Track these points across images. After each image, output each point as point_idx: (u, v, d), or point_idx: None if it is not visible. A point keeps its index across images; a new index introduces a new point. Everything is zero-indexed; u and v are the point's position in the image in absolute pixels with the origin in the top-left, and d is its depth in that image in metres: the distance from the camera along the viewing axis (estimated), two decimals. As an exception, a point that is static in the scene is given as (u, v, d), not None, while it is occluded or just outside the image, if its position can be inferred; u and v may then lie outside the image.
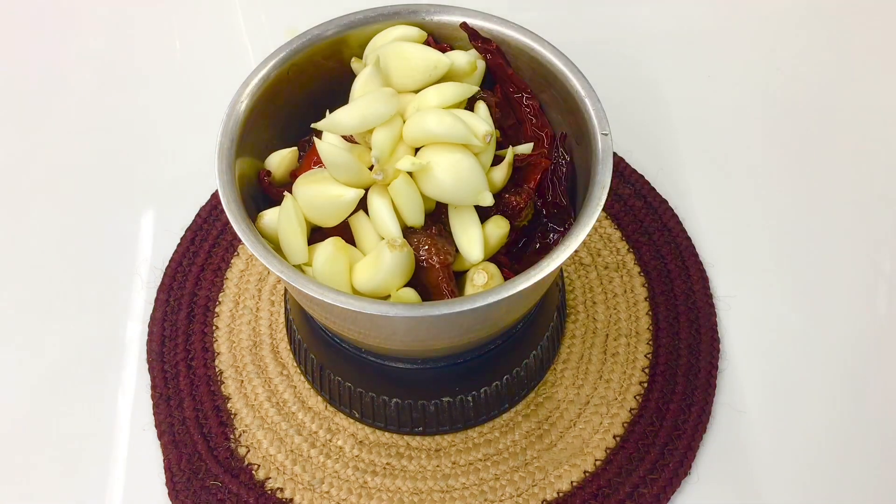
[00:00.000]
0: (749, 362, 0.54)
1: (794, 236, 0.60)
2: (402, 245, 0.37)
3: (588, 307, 0.56)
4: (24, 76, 0.71)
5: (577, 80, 0.42)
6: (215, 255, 0.59)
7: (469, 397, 0.48)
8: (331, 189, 0.39)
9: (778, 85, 0.70)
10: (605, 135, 0.40)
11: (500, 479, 0.49)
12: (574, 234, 0.37)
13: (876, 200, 0.62)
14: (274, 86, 0.43)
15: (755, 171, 0.64)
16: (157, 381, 0.53)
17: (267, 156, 0.44)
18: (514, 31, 0.44)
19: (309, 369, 0.51)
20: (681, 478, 0.49)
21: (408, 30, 0.44)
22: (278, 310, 0.56)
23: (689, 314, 0.56)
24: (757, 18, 0.75)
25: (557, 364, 0.54)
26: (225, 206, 0.38)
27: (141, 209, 0.62)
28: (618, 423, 0.51)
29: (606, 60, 0.71)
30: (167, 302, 0.56)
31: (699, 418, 0.51)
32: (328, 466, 0.50)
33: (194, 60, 0.72)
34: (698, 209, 0.61)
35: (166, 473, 0.50)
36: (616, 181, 0.62)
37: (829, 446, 0.51)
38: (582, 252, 0.59)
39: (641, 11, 0.75)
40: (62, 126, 0.67)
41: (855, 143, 0.66)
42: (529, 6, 0.74)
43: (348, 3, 0.48)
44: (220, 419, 0.52)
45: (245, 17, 0.75)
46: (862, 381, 0.54)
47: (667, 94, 0.69)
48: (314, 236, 0.41)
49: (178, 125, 0.67)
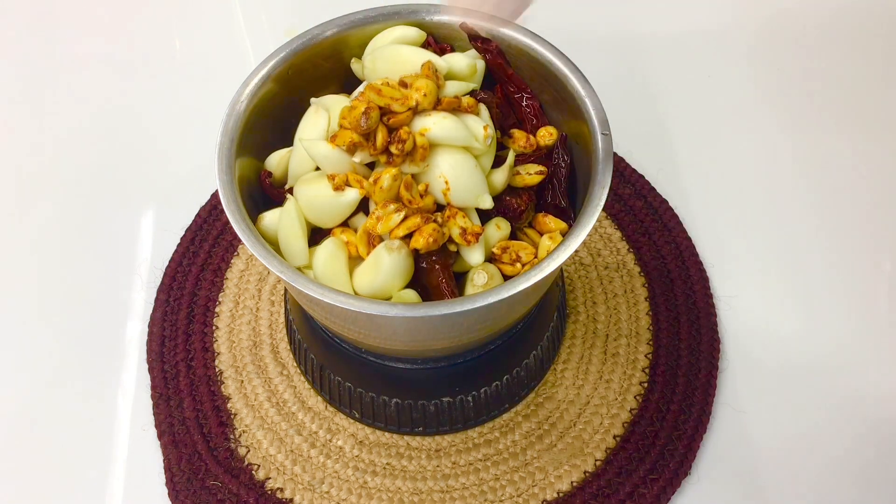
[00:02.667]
0: (749, 362, 0.54)
1: (794, 236, 0.60)
2: (401, 247, 0.37)
3: (588, 307, 0.56)
4: (24, 76, 0.71)
5: (577, 80, 0.42)
6: (215, 255, 0.59)
7: (469, 397, 0.48)
8: (331, 190, 0.39)
9: (778, 85, 0.70)
10: (606, 135, 0.40)
11: (500, 479, 0.49)
12: (574, 234, 0.37)
13: (876, 200, 0.62)
14: (274, 86, 0.43)
15: (755, 171, 0.64)
16: (157, 381, 0.53)
17: (267, 156, 0.44)
18: (514, 31, 0.44)
19: (309, 369, 0.51)
20: (681, 478, 0.49)
21: (407, 30, 0.44)
22: (278, 310, 0.56)
23: (690, 314, 0.56)
24: (757, 18, 0.75)
25: (557, 364, 0.54)
26: (225, 206, 0.38)
27: (141, 209, 0.62)
28: (618, 423, 0.51)
29: (606, 60, 0.71)
30: (167, 302, 0.56)
31: (699, 418, 0.51)
32: (328, 466, 0.50)
33: (194, 61, 0.72)
34: (698, 209, 0.61)
35: (166, 473, 0.50)
36: (616, 181, 0.62)
37: (829, 446, 0.51)
38: (582, 252, 0.59)
39: (641, 11, 0.75)
40: (62, 126, 0.67)
41: (855, 142, 0.66)
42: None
43: (348, 3, 0.48)
44: (220, 419, 0.52)
45: (245, 17, 0.75)
46: (862, 381, 0.54)
47: (667, 94, 0.69)
48: (314, 237, 0.41)
49: (178, 125, 0.67)
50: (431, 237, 0.37)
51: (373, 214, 0.38)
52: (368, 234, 0.38)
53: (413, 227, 0.37)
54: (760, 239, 0.60)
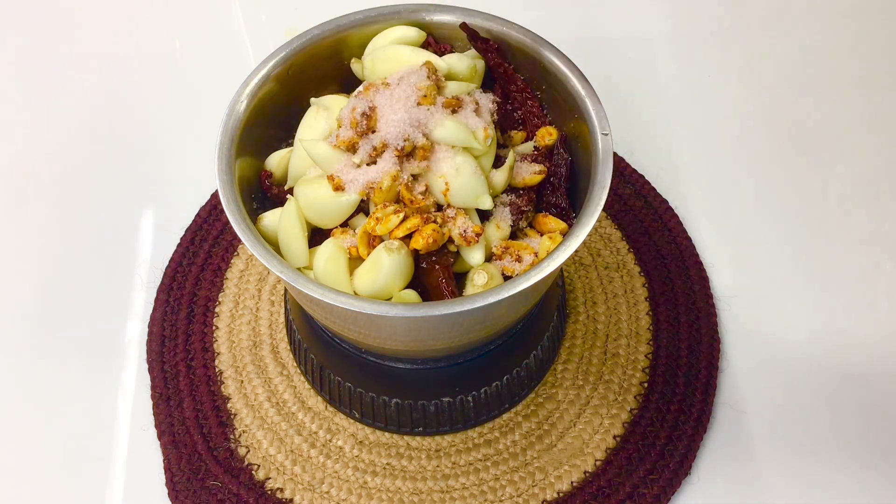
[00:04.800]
0: (749, 362, 0.54)
1: (794, 236, 0.60)
2: (400, 247, 0.37)
3: (588, 307, 0.56)
4: (24, 76, 0.71)
5: (577, 80, 0.42)
6: (215, 255, 0.59)
7: (469, 397, 0.48)
8: (331, 191, 0.39)
9: (778, 85, 0.70)
10: (606, 135, 0.40)
11: (500, 479, 0.49)
12: (574, 234, 0.37)
13: (876, 200, 0.62)
14: (274, 86, 0.43)
15: (755, 171, 0.64)
16: (157, 381, 0.53)
17: (267, 156, 0.44)
18: (514, 31, 0.44)
19: (309, 369, 0.51)
20: (681, 478, 0.49)
21: (407, 30, 0.44)
22: (278, 310, 0.56)
23: (690, 314, 0.56)
24: (757, 18, 0.75)
25: (557, 364, 0.54)
26: (225, 206, 0.38)
27: (141, 209, 0.62)
28: (618, 423, 0.51)
29: (606, 60, 0.71)
30: (167, 302, 0.56)
31: (699, 418, 0.51)
32: (328, 467, 0.50)
33: (194, 60, 0.72)
34: (698, 209, 0.61)
35: (166, 473, 0.50)
36: (616, 181, 0.62)
37: (829, 446, 0.51)
38: (582, 252, 0.59)
39: (642, 11, 0.75)
40: (62, 126, 0.67)
41: (855, 142, 0.66)
42: (529, 6, 0.74)
43: (348, 3, 0.48)
44: (220, 419, 0.52)
45: (245, 17, 0.75)
46: (862, 380, 0.54)
47: (667, 94, 0.69)
48: (314, 238, 0.41)
49: (177, 125, 0.67)
50: (431, 238, 0.37)
51: (373, 215, 0.38)
52: (368, 235, 0.38)
53: (413, 227, 0.38)
54: (760, 239, 0.60)
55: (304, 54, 0.44)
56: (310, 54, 0.44)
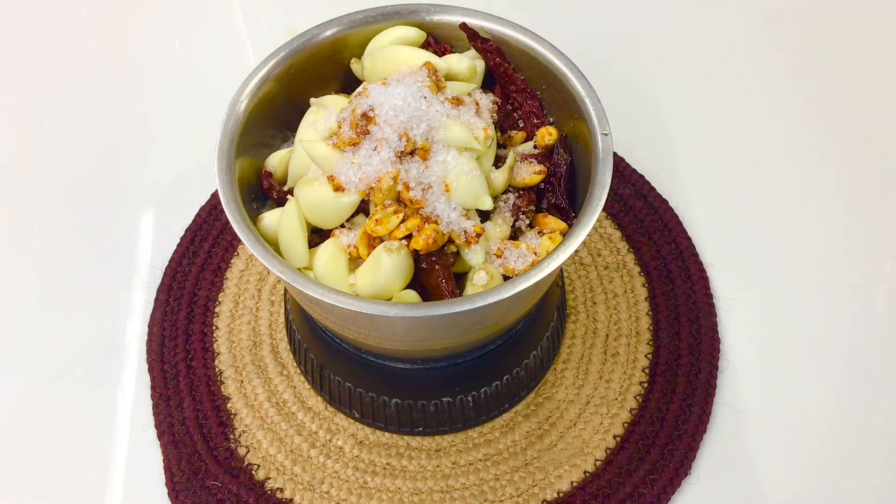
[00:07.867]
0: (749, 362, 0.54)
1: (794, 236, 0.60)
2: (400, 248, 0.37)
3: (588, 307, 0.56)
4: (24, 76, 0.71)
5: (577, 80, 0.42)
6: (215, 255, 0.59)
7: (469, 397, 0.48)
8: (331, 191, 0.39)
9: (778, 84, 0.70)
10: (605, 135, 0.40)
11: (500, 479, 0.49)
12: (574, 234, 0.37)
13: (876, 200, 0.62)
14: (274, 86, 0.43)
15: (755, 171, 0.64)
16: (157, 381, 0.53)
17: (267, 156, 0.44)
18: (514, 31, 0.44)
19: (309, 369, 0.51)
20: (681, 478, 0.49)
21: (407, 30, 0.44)
22: (278, 310, 0.56)
23: (690, 314, 0.56)
24: (756, 18, 0.75)
25: (557, 364, 0.54)
26: (225, 206, 0.38)
27: (141, 209, 0.62)
28: (618, 423, 0.51)
29: (606, 60, 0.71)
30: (167, 302, 0.56)
31: (699, 418, 0.51)
32: (328, 467, 0.50)
33: (194, 60, 0.72)
34: (698, 209, 0.61)
35: (166, 473, 0.50)
36: (616, 181, 0.62)
37: (830, 446, 0.51)
38: (582, 252, 0.59)
39: (642, 11, 0.75)
40: (62, 126, 0.67)
41: (855, 142, 0.66)
42: (529, 6, 0.74)
43: (348, 3, 0.48)
44: (220, 419, 0.52)
45: (245, 17, 0.75)
46: (862, 380, 0.54)
47: (667, 94, 0.69)
48: (315, 238, 0.41)
49: (177, 125, 0.67)
50: (431, 238, 0.37)
51: (373, 216, 0.38)
52: (368, 235, 0.38)
53: (412, 227, 0.38)
54: (761, 239, 0.60)
55: (304, 54, 0.44)
56: (310, 54, 0.44)
